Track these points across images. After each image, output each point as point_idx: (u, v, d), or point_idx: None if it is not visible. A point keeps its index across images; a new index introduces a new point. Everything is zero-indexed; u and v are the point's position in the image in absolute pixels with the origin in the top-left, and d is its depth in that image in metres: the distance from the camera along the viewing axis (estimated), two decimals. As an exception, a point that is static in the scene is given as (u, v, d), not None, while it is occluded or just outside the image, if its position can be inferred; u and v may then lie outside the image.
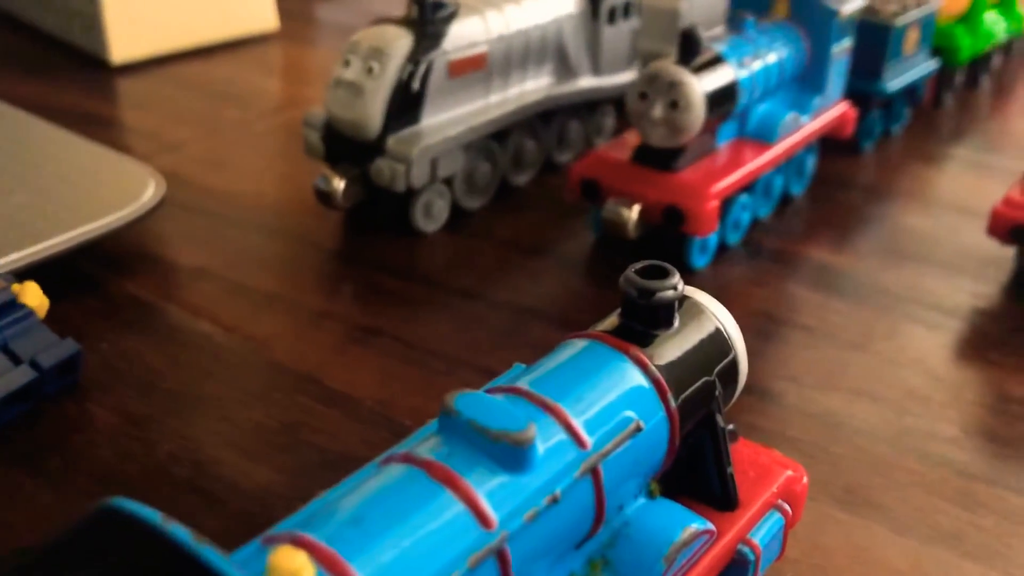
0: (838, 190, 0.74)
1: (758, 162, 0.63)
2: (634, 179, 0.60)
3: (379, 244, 0.63)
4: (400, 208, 0.63)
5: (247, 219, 0.67)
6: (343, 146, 0.63)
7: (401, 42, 0.61)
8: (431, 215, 0.65)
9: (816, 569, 0.41)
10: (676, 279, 0.33)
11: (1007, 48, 1.02)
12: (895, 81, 0.78)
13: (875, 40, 0.76)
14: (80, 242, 0.55)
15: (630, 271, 0.33)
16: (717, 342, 0.34)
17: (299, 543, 0.24)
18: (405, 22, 0.62)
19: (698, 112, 0.57)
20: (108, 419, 0.48)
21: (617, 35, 0.74)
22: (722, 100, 0.59)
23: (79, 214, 0.57)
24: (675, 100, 0.56)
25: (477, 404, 0.27)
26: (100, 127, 0.80)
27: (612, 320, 0.34)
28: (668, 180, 0.59)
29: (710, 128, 0.60)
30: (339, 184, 0.62)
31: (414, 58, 0.61)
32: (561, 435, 0.28)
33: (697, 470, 0.34)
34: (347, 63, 0.61)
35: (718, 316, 0.35)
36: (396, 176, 0.60)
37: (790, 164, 0.69)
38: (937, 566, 0.42)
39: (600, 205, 0.61)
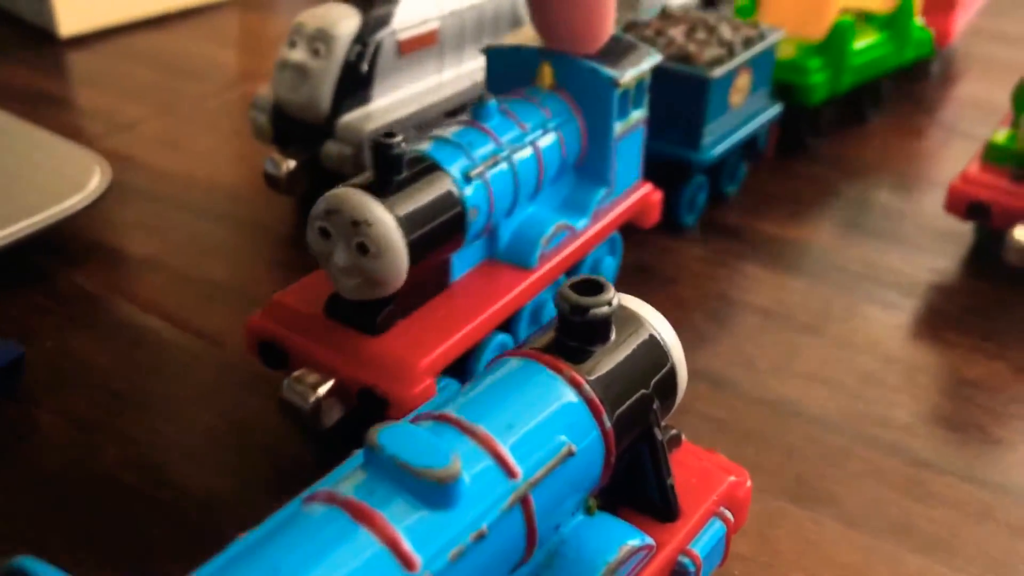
0: (799, 164, 0.73)
1: (508, 299, 0.46)
2: (326, 342, 0.43)
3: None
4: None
5: (199, 203, 0.66)
6: (292, 129, 0.61)
7: (347, 22, 0.59)
8: (385, 197, 0.63)
9: (765, 567, 0.41)
10: (611, 294, 0.32)
11: (924, 71, 0.87)
12: (719, 145, 0.62)
13: (689, 96, 0.60)
14: (20, 236, 0.54)
15: (564, 287, 0.32)
16: (654, 353, 0.34)
17: (214, 595, 0.23)
18: (352, 0, 0.61)
19: (394, 259, 0.40)
20: (53, 423, 0.47)
21: (575, 5, 0.73)
22: (438, 235, 0.42)
23: (20, 206, 0.56)
24: (362, 243, 0.40)
25: (401, 438, 0.27)
26: (49, 106, 0.78)
27: (548, 336, 0.33)
28: (365, 348, 0.42)
29: (434, 262, 0.44)
30: (288, 168, 0.60)
31: (361, 38, 0.59)
32: (489, 464, 0.28)
33: (637, 482, 0.34)
34: (292, 44, 0.60)
35: (655, 326, 0.34)
36: (345, 159, 0.59)
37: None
38: (884, 561, 0.42)
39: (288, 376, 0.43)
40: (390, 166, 0.41)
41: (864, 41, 0.75)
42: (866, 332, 0.55)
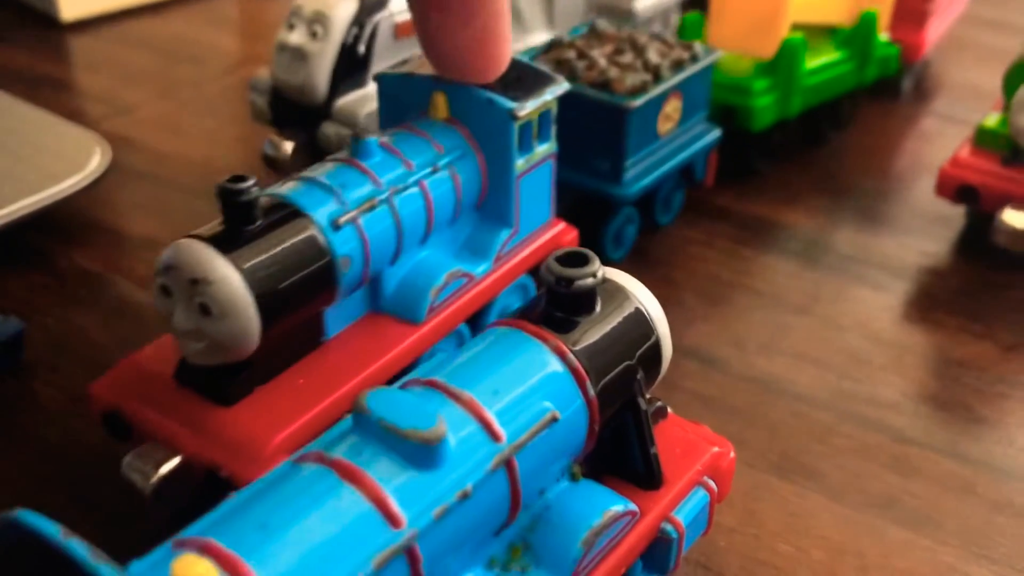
0: (793, 147, 0.74)
1: (390, 358, 0.40)
2: (173, 413, 0.37)
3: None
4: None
5: (197, 184, 0.66)
6: (290, 110, 0.62)
7: (345, 5, 0.60)
8: (382, 179, 0.64)
9: (750, 538, 0.42)
10: (596, 266, 0.33)
11: (895, 88, 0.81)
12: (645, 178, 0.57)
13: (609, 127, 0.55)
14: (22, 215, 0.55)
15: (551, 258, 0.33)
16: (639, 325, 0.34)
17: (205, 549, 0.24)
18: (350, -17, 0.61)
19: (241, 322, 0.34)
20: (53, 398, 0.48)
21: (571, -10, 0.73)
22: (300, 291, 0.36)
23: (21, 186, 0.57)
24: (204, 304, 0.34)
25: (388, 401, 0.28)
26: (50, 89, 0.79)
27: (535, 306, 0.34)
28: (214, 421, 0.36)
29: (301, 319, 0.38)
30: (287, 149, 0.61)
31: (359, 21, 0.60)
32: (474, 429, 0.29)
33: (622, 450, 0.35)
34: (291, 27, 0.61)
35: (640, 299, 0.35)
36: (342, 141, 0.60)
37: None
38: (868, 533, 0.43)
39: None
40: (240, 215, 0.35)
41: (820, 59, 0.69)
42: (855, 313, 0.56)
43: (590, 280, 0.33)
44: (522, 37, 0.71)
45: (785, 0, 0.65)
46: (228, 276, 0.34)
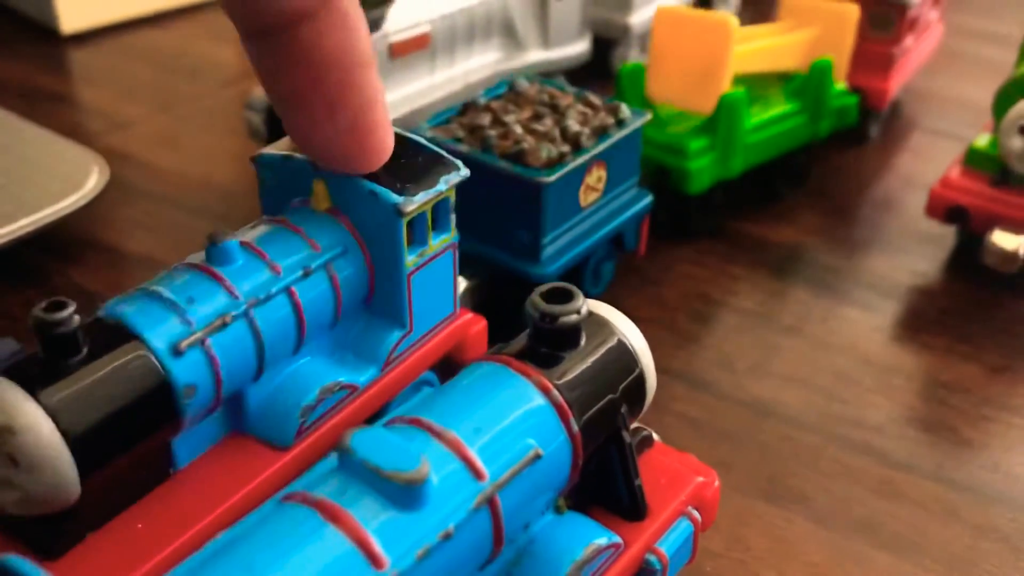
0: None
1: (251, 488, 0.34)
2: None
3: (325, 228, 0.64)
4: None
5: (195, 202, 0.67)
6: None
7: (340, 26, 0.60)
8: (377, 197, 0.65)
9: (736, 563, 0.43)
10: (580, 302, 0.33)
11: (860, 137, 0.77)
12: (566, 255, 0.52)
13: (523, 203, 0.50)
14: (19, 235, 0.55)
15: (535, 294, 0.34)
16: (623, 359, 0.35)
17: (190, 591, 0.25)
18: (346, 4, 0.62)
19: (53, 476, 0.29)
20: (48, 418, 0.48)
21: (566, 7, 0.74)
22: (130, 428, 0.31)
23: (18, 205, 0.57)
24: (11, 455, 0.29)
25: (372, 441, 0.28)
26: (49, 103, 0.79)
27: (521, 342, 0.34)
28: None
29: (139, 453, 0.32)
30: (283, 169, 0.62)
31: (354, 42, 0.60)
32: (457, 467, 0.29)
33: (607, 482, 0.35)
34: (287, 47, 0.61)
35: (624, 332, 0.35)
36: (338, 162, 0.60)
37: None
38: (852, 558, 0.43)
39: None
40: (60, 346, 0.30)
41: (767, 113, 0.64)
42: (844, 333, 0.57)
43: (574, 316, 0.33)
44: (518, 55, 0.71)
45: (725, 51, 0.60)
46: (35, 424, 0.29)
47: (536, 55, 0.73)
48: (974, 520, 0.45)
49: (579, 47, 0.76)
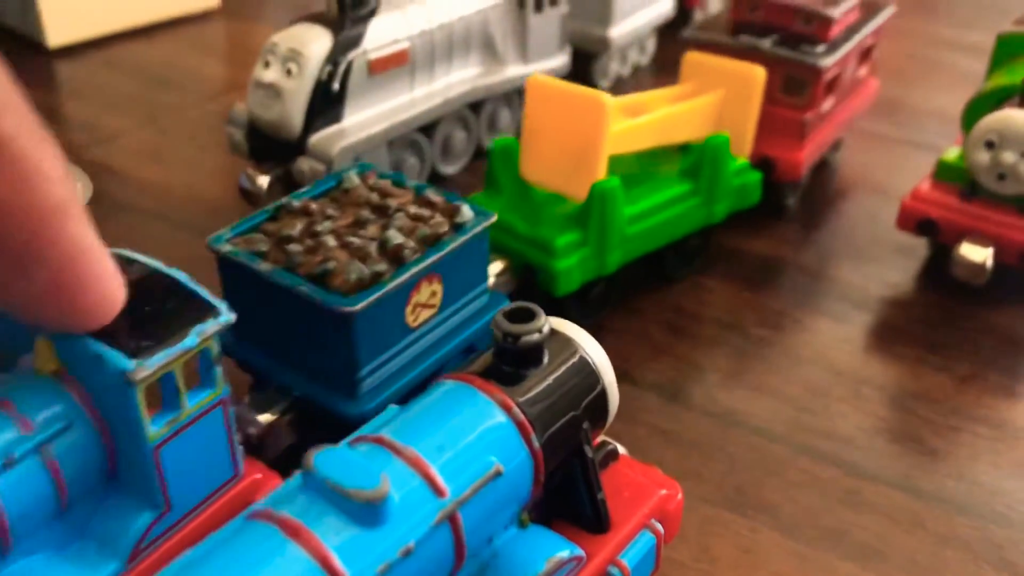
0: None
1: None
2: None
3: (305, 242, 0.65)
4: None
5: (178, 216, 0.68)
6: (266, 144, 0.63)
7: (319, 43, 0.61)
8: (357, 211, 0.65)
9: (702, 574, 0.44)
10: (542, 321, 0.34)
11: (777, 210, 0.70)
12: (392, 386, 0.44)
13: (332, 333, 0.43)
14: (2, 252, 0.56)
15: (499, 314, 0.35)
16: (585, 376, 0.36)
17: (154, 608, 0.25)
18: (324, 21, 0.63)
19: None
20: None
21: (546, 22, 0.75)
22: None
23: None
24: None
25: (335, 460, 0.29)
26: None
27: (485, 359, 0.35)
28: None
29: None
30: (262, 183, 0.62)
31: (333, 58, 0.61)
32: (418, 485, 0.30)
33: (570, 496, 0.36)
34: (266, 64, 0.62)
35: (587, 349, 0.36)
36: (317, 175, 0.61)
37: None
38: (818, 568, 0.44)
39: None
40: None
41: (653, 198, 0.57)
42: (815, 344, 0.57)
43: (536, 336, 0.34)
44: (498, 70, 0.72)
45: (599, 132, 0.53)
46: None
47: (516, 70, 0.74)
48: (938, 529, 0.46)
49: (559, 61, 0.77)
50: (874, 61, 0.75)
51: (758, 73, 0.61)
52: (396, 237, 0.44)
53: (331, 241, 0.44)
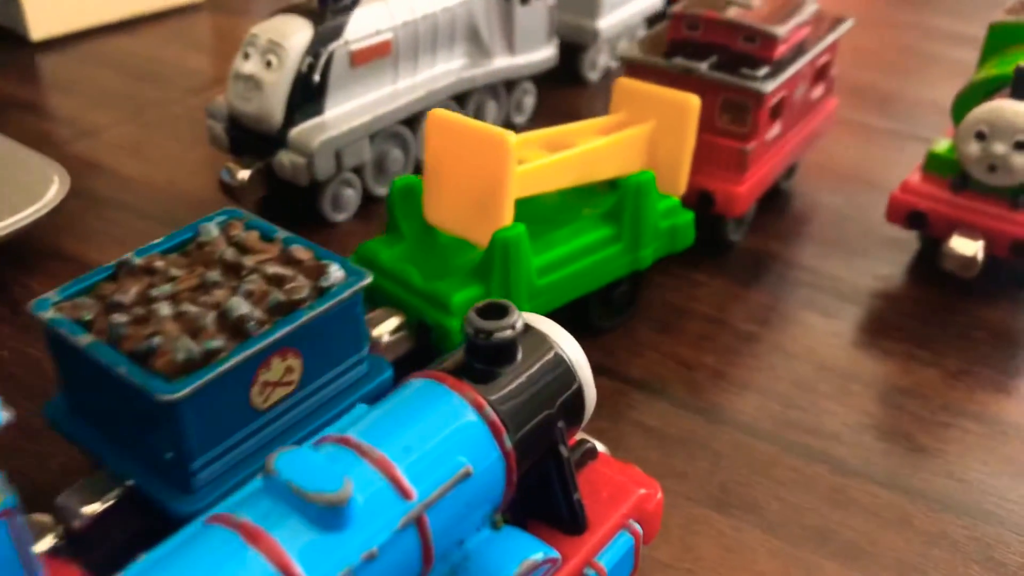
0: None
1: None
2: None
3: (287, 237, 0.64)
4: (309, 199, 0.64)
5: (160, 211, 0.67)
6: (247, 138, 0.63)
7: (300, 35, 0.60)
8: (340, 205, 0.65)
9: (685, 573, 0.43)
10: (515, 318, 0.33)
11: (723, 245, 0.64)
12: (237, 478, 0.38)
13: (158, 420, 0.36)
14: (-24, 249, 0.55)
15: (471, 311, 0.34)
16: (560, 374, 0.35)
17: (105, 617, 0.24)
18: (305, 12, 0.62)
19: None
20: (4, 431, 0.48)
21: (532, 13, 0.74)
22: None
23: (-24, 218, 0.57)
24: None
25: (297, 463, 0.28)
26: (17, 111, 0.79)
27: (457, 357, 0.34)
28: None
29: None
30: (243, 177, 0.61)
31: (314, 50, 0.60)
32: (383, 487, 0.29)
33: (546, 496, 0.35)
34: (246, 56, 0.61)
35: (563, 346, 0.35)
36: (298, 169, 0.60)
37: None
38: (802, 568, 0.43)
39: None
40: None
41: (568, 245, 0.51)
42: (803, 339, 0.57)
43: (508, 332, 0.33)
44: (484, 62, 0.71)
45: (503, 175, 0.47)
46: None
47: (502, 61, 0.73)
48: (925, 527, 0.45)
49: (546, 53, 0.76)
50: (831, 79, 0.69)
51: (692, 102, 0.55)
52: (239, 307, 0.37)
53: (165, 310, 0.38)
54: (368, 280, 0.41)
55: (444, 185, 0.50)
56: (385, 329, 0.48)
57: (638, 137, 0.56)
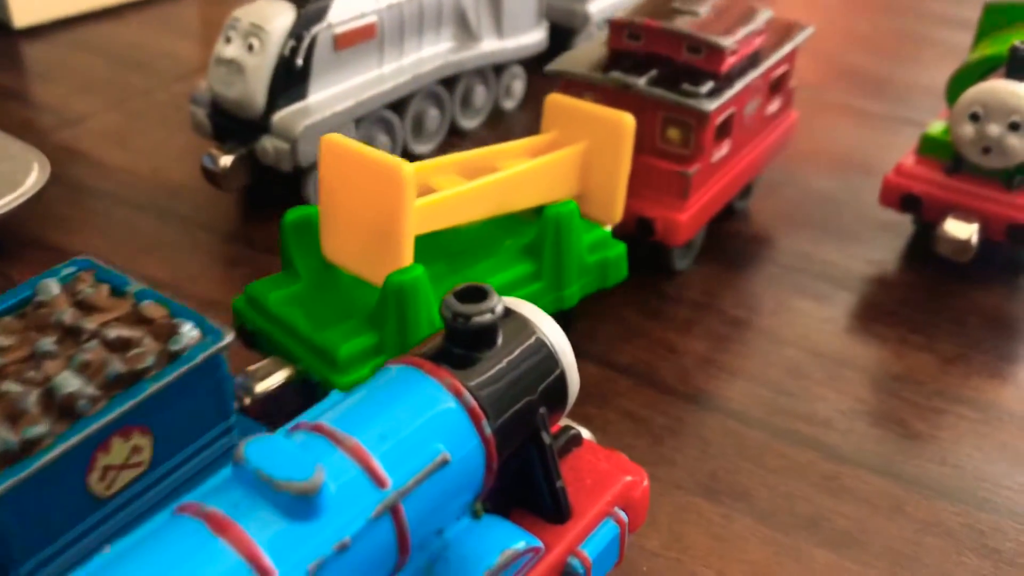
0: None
1: None
2: None
3: (272, 224, 0.62)
4: (293, 185, 0.63)
5: (142, 199, 0.66)
6: (230, 124, 0.62)
7: (282, 18, 0.59)
8: (326, 192, 0.64)
9: (672, 562, 0.42)
10: (494, 301, 0.32)
11: (667, 268, 0.58)
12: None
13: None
14: (-47, 237, 0.54)
15: (449, 295, 0.33)
16: (542, 359, 0.34)
17: (65, 611, 0.23)
18: (288, -6, 0.61)
19: None
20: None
21: (521, -4, 0.73)
22: None
23: (-46, 205, 0.56)
24: None
25: (267, 450, 0.27)
26: (1, 99, 0.78)
27: (435, 342, 0.33)
28: None
29: None
30: (225, 163, 0.60)
31: (296, 33, 0.59)
32: (357, 475, 0.28)
33: (528, 484, 0.35)
34: (228, 40, 0.60)
35: (545, 331, 0.35)
36: (281, 155, 0.59)
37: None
38: (793, 556, 0.42)
39: None
40: None
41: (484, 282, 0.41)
42: (795, 325, 0.56)
43: (488, 316, 0.32)
44: (472, 46, 0.70)
45: (400, 209, 0.43)
46: None
47: (490, 45, 0.72)
48: (919, 515, 0.45)
49: (535, 36, 0.75)
50: (790, 91, 0.64)
51: (626, 121, 0.50)
52: (67, 384, 0.32)
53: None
54: (226, 341, 0.36)
55: (340, 218, 0.45)
56: (270, 384, 0.43)
57: (567, 160, 0.51)
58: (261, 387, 0.43)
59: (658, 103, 0.53)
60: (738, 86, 0.55)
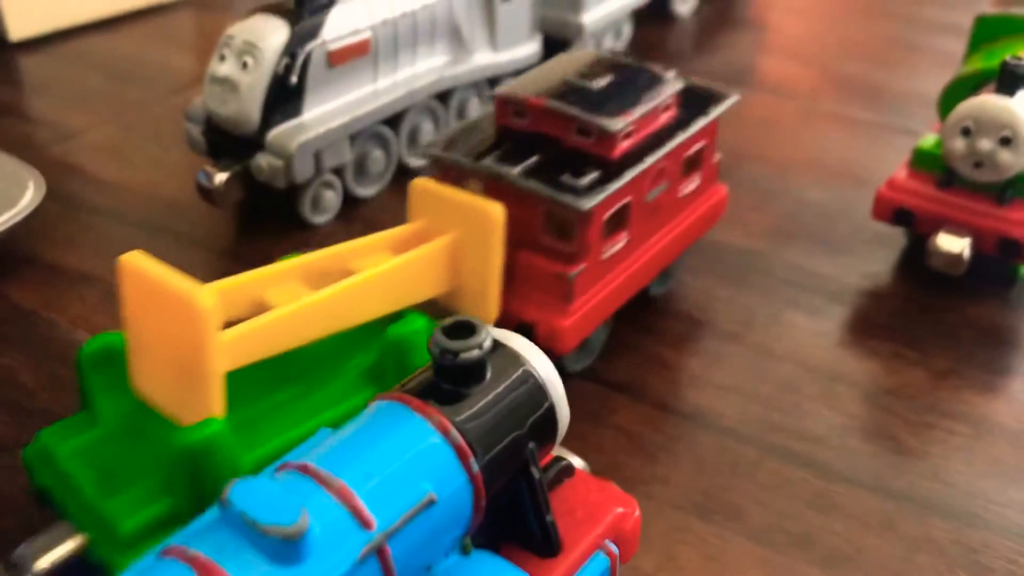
0: (741, 169, 0.74)
1: None
2: None
3: (267, 241, 0.63)
4: (289, 201, 0.63)
5: (138, 215, 0.66)
6: (224, 141, 0.62)
7: (275, 35, 0.59)
8: (320, 207, 0.64)
9: (665, 584, 0.42)
10: (483, 336, 0.33)
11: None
12: None
13: None
14: (-51, 259, 0.55)
15: (437, 330, 0.33)
16: (531, 393, 0.34)
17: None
18: (281, 12, 0.61)
19: None
20: (-26, 447, 0.48)
21: (514, 8, 0.73)
22: None
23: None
24: None
25: (252, 493, 0.27)
26: (-5, 114, 0.78)
27: (423, 377, 0.33)
28: None
29: None
30: (220, 180, 0.61)
31: (290, 50, 0.59)
32: (342, 517, 0.28)
33: (518, 518, 0.35)
34: (222, 58, 0.60)
35: (534, 365, 0.35)
36: (276, 172, 0.59)
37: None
38: (785, 575, 0.42)
39: None
40: None
41: (313, 421, 0.40)
42: (788, 340, 0.56)
43: (476, 352, 0.32)
44: (466, 59, 0.70)
45: (203, 344, 0.36)
46: None
47: (484, 58, 0.72)
48: (910, 532, 0.45)
49: (529, 49, 0.75)
50: (714, 166, 0.56)
51: (494, 213, 0.44)
52: None
53: None
54: None
55: (144, 349, 0.38)
56: (51, 559, 0.36)
57: (431, 256, 0.45)
58: (42, 563, 0.35)
59: (535, 196, 0.47)
60: (631, 174, 0.48)
